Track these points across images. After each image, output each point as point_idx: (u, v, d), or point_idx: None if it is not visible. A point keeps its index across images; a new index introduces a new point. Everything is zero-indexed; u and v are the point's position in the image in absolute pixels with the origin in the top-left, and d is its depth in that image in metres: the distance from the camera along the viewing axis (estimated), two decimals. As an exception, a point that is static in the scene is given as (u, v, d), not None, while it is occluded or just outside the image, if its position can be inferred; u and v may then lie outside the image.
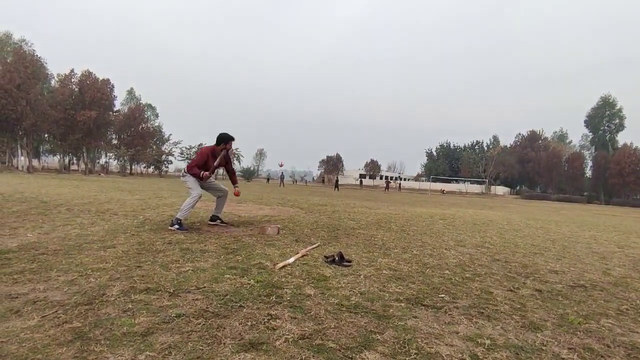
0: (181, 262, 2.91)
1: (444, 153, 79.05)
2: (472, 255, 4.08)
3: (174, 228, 4.41)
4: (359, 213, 8.47)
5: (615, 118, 63.82)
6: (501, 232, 6.50)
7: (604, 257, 4.52)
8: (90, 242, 3.46)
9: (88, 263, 2.72)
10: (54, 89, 39.08)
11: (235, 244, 3.75)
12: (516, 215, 12.27)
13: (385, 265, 3.28)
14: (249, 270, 2.77)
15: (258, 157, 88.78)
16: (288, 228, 5.19)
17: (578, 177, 59.04)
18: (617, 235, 7.37)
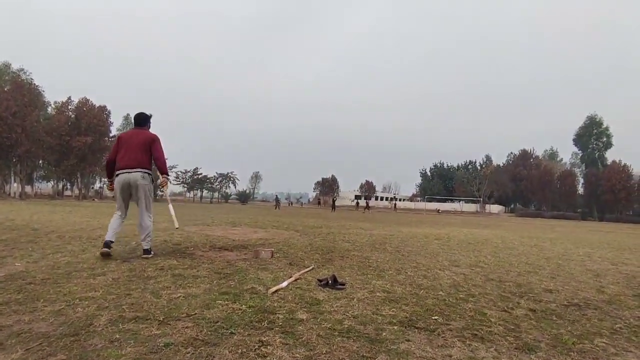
0: (172, 288, 2.87)
1: (438, 173, 79.70)
2: (466, 275, 4.07)
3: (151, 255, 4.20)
4: (353, 234, 8.45)
5: (603, 136, 65.21)
6: (495, 251, 6.50)
7: (598, 275, 4.52)
8: (80, 269, 3.41)
9: (76, 292, 2.67)
10: (50, 116, 39.30)
11: (228, 269, 3.71)
12: (510, 233, 12.29)
13: (379, 287, 3.26)
14: (241, 296, 2.74)
15: (253, 180, 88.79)
16: (282, 251, 5.15)
17: (571, 194, 59.58)
18: (611, 252, 7.39)
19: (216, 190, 66.78)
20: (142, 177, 4.20)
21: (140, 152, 4.24)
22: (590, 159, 65.91)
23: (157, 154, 4.35)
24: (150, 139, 4.36)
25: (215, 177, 64.68)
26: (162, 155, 4.42)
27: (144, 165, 4.23)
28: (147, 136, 4.37)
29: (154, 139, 4.39)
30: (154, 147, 4.33)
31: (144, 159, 4.25)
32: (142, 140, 4.31)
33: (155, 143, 4.38)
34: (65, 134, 37.43)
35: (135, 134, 4.40)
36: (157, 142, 4.40)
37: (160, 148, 4.41)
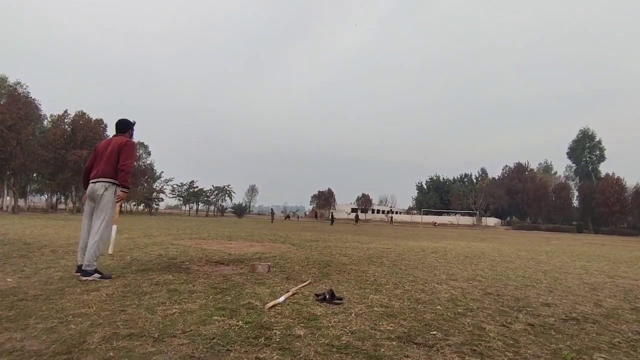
0: (168, 304, 2.83)
1: (434, 186, 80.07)
2: (464, 289, 4.05)
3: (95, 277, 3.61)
4: (350, 248, 8.41)
5: (596, 150, 66.18)
6: (493, 265, 6.49)
7: (595, 288, 4.52)
8: (73, 285, 3.36)
9: (69, 308, 2.63)
10: (46, 129, 39.22)
11: (225, 284, 3.67)
12: (507, 246, 12.29)
13: (377, 302, 3.23)
14: (237, 311, 2.71)
15: (250, 193, 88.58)
16: (279, 265, 5.11)
17: (566, 207, 59.95)
18: (607, 265, 7.40)
19: (212, 203, 66.43)
20: (104, 188, 3.84)
21: (109, 160, 3.89)
22: (584, 172, 66.68)
23: (122, 160, 3.89)
24: (120, 144, 3.95)
25: (211, 190, 64.43)
26: (127, 163, 3.91)
27: (108, 175, 3.87)
28: (119, 142, 3.97)
29: (124, 144, 3.96)
30: (121, 153, 3.91)
31: (110, 168, 3.88)
32: (113, 147, 3.95)
33: (124, 148, 3.94)
34: (61, 147, 37.29)
35: (109, 142, 4.06)
36: (126, 147, 3.96)
37: (128, 154, 3.94)
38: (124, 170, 3.88)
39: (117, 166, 3.89)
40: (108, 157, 3.91)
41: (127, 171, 3.91)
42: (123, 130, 4.21)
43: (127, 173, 3.91)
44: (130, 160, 3.94)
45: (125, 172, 3.89)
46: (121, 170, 3.88)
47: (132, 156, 3.99)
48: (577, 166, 68.71)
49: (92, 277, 3.62)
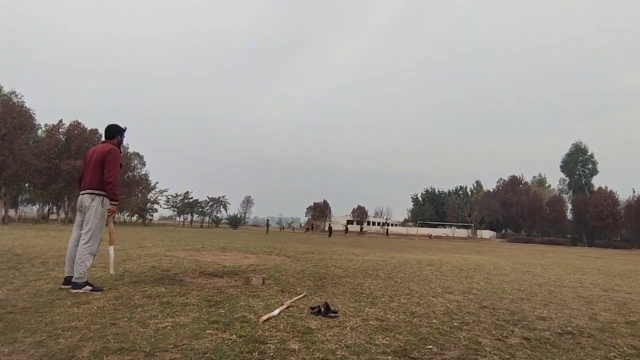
0: (160, 317, 2.79)
1: (429, 198, 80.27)
2: (459, 302, 4.03)
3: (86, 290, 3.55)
4: (346, 260, 8.36)
5: (588, 163, 67.07)
6: (488, 278, 6.48)
7: (590, 302, 4.52)
8: (64, 298, 3.29)
9: (59, 322, 2.57)
10: (40, 139, 39.00)
11: (219, 296, 3.62)
12: (502, 259, 12.29)
13: (372, 315, 3.20)
14: (231, 324, 2.67)
15: (245, 204, 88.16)
16: (274, 278, 5.06)
17: (560, 220, 60.29)
18: (602, 278, 7.42)
19: (207, 214, 66.00)
20: (91, 199, 3.73)
21: (95, 170, 3.77)
22: (577, 185, 67.37)
23: (107, 172, 3.74)
24: (104, 153, 3.79)
25: (206, 201, 64.12)
26: (112, 174, 3.74)
27: (94, 185, 3.75)
28: (102, 151, 3.82)
29: (107, 152, 3.80)
30: (105, 163, 3.75)
31: (96, 178, 3.76)
32: (97, 155, 3.82)
33: (108, 157, 3.77)
34: (55, 157, 37.04)
35: (94, 150, 3.92)
36: (109, 155, 3.79)
37: (112, 163, 3.77)
38: (109, 182, 3.74)
39: (103, 177, 3.76)
40: (93, 167, 3.80)
41: (114, 183, 3.76)
42: (111, 137, 4.06)
43: (114, 185, 3.77)
44: (115, 171, 3.79)
45: (111, 184, 3.75)
46: (107, 183, 3.74)
47: (117, 166, 3.83)
48: (570, 179, 69.43)
49: (83, 289, 3.55)
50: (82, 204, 3.80)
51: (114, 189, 3.78)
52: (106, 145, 3.94)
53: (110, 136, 4.07)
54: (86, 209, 3.76)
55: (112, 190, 3.78)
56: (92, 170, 3.79)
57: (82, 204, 3.80)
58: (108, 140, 4.05)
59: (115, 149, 3.91)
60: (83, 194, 3.82)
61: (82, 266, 3.60)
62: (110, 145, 3.94)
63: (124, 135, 4.18)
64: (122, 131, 4.15)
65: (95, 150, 3.93)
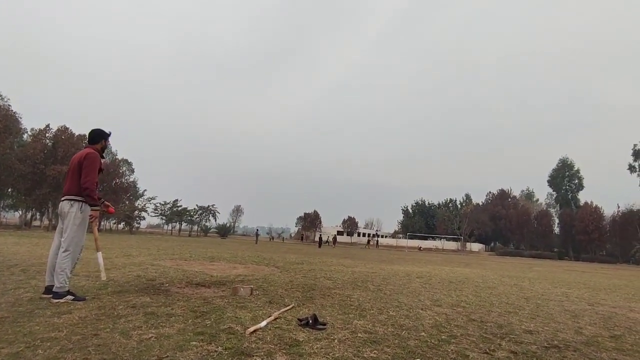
0: (144, 328, 2.72)
1: (419, 210, 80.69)
2: (448, 315, 4.03)
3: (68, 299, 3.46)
4: (335, 272, 8.31)
5: (575, 178, 68.49)
6: (477, 291, 6.50)
7: (576, 316, 4.56)
8: (44, 307, 3.20)
9: (38, 332, 2.49)
10: (25, 143, 38.26)
11: (205, 307, 3.56)
12: (491, 272, 12.37)
13: (361, 327, 3.18)
14: (217, 336, 2.61)
15: (235, 213, 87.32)
16: (262, 288, 5.00)
17: (547, 234, 61.16)
18: (587, 292, 7.51)
19: (196, 223, 65.11)
20: (70, 205, 3.65)
21: (73, 176, 3.70)
22: (564, 199, 68.61)
23: (83, 177, 3.65)
24: (81, 158, 3.73)
25: (195, 209, 63.31)
26: (88, 180, 3.66)
27: (72, 191, 3.68)
28: (80, 156, 3.77)
29: (84, 157, 3.72)
30: (82, 168, 3.68)
31: (74, 183, 3.69)
32: (76, 161, 3.76)
33: (84, 162, 3.69)
34: (40, 162, 36.32)
35: (75, 156, 3.85)
36: (86, 160, 3.70)
37: (88, 169, 3.67)
38: (85, 187, 3.64)
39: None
40: (72, 173, 3.73)
41: (90, 188, 3.66)
42: (94, 141, 3.96)
43: (91, 190, 3.67)
44: (92, 176, 3.68)
45: (88, 189, 3.65)
46: (83, 189, 3.65)
47: (94, 171, 3.71)
48: (557, 194, 70.70)
49: (65, 299, 3.45)
50: (62, 210, 3.72)
51: (91, 194, 3.69)
52: (85, 151, 3.85)
53: (93, 141, 3.98)
54: (65, 216, 3.67)
55: (90, 196, 3.69)
56: (71, 175, 3.73)
57: (62, 211, 3.72)
58: (91, 145, 3.96)
59: (92, 154, 3.80)
60: (62, 201, 3.75)
61: (63, 275, 3.50)
62: (88, 150, 3.84)
63: (108, 139, 4.07)
64: (106, 136, 4.05)
65: (76, 155, 3.87)
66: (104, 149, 4.06)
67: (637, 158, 53.27)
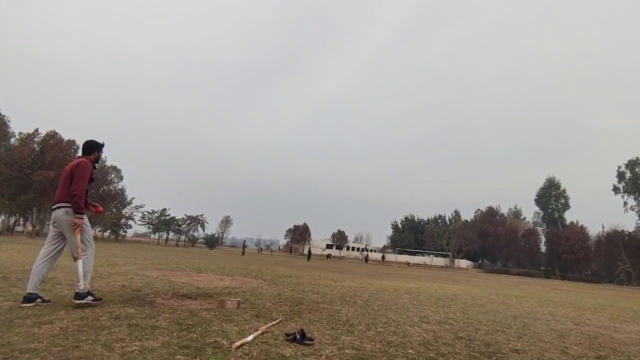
0: (127, 340, 2.65)
1: (409, 226, 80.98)
2: (435, 332, 4.02)
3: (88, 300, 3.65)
4: (324, 286, 8.24)
5: (561, 198, 69.79)
6: (464, 308, 6.51)
7: (562, 335, 4.59)
8: (24, 317, 3.10)
9: (17, 343, 2.41)
10: (12, 147, 37.58)
11: (191, 319, 3.49)
12: (479, 289, 12.40)
13: (348, 343, 3.15)
14: (202, 350, 2.57)
15: (223, 224, 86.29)
16: (249, 301, 4.93)
17: (534, 252, 61.81)
18: (573, 312, 7.58)
19: (183, 232, 64.13)
20: (65, 213, 3.71)
21: (65, 184, 3.76)
22: (550, 218, 69.69)
23: (73, 184, 3.70)
24: (74, 166, 3.80)
25: (183, 219, 62.44)
26: (78, 187, 3.69)
27: (65, 199, 3.73)
28: (72, 164, 3.85)
29: (76, 165, 3.80)
30: (73, 176, 3.74)
31: (67, 191, 3.73)
32: (68, 169, 3.83)
33: (76, 170, 3.76)
34: (27, 167, 35.64)
35: (68, 165, 3.93)
36: (77, 168, 3.76)
37: (79, 177, 3.72)
38: (74, 194, 3.68)
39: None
40: (64, 181, 3.79)
41: (79, 196, 3.69)
42: (88, 153, 4.02)
43: (79, 198, 3.70)
44: (81, 184, 3.72)
45: (76, 197, 3.68)
46: (72, 196, 3.69)
47: (84, 179, 3.76)
48: (544, 213, 71.80)
49: (86, 299, 3.61)
50: (57, 218, 3.74)
51: (78, 202, 3.70)
52: (78, 159, 3.92)
53: (86, 152, 4.03)
54: (62, 224, 3.71)
55: (77, 203, 3.70)
56: (63, 183, 3.78)
57: (57, 219, 3.74)
58: (85, 156, 4.00)
59: (84, 162, 3.85)
60: (56, 209, 3.77)
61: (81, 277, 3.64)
62: (80, 159, 3.90)
63: (101, 150, 4.13)
64: (100, 147, 4.11)
65: (69, 164, 3.94)
66: (97, 160, 4.12)
67: (621, 180, 54.64)
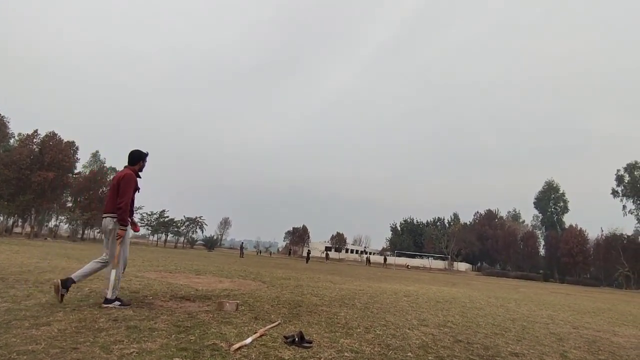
0: (125, 342, 2.65)
1: (407, 228, 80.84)
2: (434, 335, 4.02)
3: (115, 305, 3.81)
4: (323, 288, 8.23)
5: (560, 201, 69.78)
6: (464, 311, 6.50)
7: (561, 339, 4.59)
8: (22, 318, 3.09)
9: (14, 344, 2.40)
10: (11, 148, 37.53)
11: (189, 321, 3.48)
12: (478, 292, 12.39)
13: (347, 346, 3.15)
14: (201, 353, 2.56)
15: (222, 226, 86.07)
16: (248, 304, 4.92)
17: (533, 255, 61.68)
18: (572, 315, 7.57)
19: (182, 234, 63.96)
20: (110, 223, 3.95)
21: (112, 195, 4.00)
22: (549, 221, 69.65)
23: (119, 197, 3.92)
24: (119, 178, 4.05)
25: (182, 220, 62.30)
26: (123, 200, 3.90)
27: (112, 209, 3.98)
28: (118, 176, 4.10)
29: (121, 178, 4.03)
30: (119, 188, 3.97)
31: (113, 202, 3.97)
32: (115, 180, 4.09)
33: (121, 183, 3.98)
34: (26, 168, 35.59)
35: (115, 176, 4.22)
36: (122, 181, 3.99)
37: (124, 190, 3.94)
38: (119, 207, 3.90)
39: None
40: (112, 192, 4.04)
41: (123, 209, 3.91)
42: (132, 163, 4.21)
43: (123, 210, 3.91)
44: (126, 197, 3.93)
45: (121, 209, 3.90)
46: (117, 208, 3.91)
47: (128, 191, 3.97)
48: (543, 216, 71.76)
49: (113, 304, 3.80)
50: (105, 227, 4.01)
51: (122, 215, 3.93)
52: (123, 171, 4.15)
53: (131, 162, 4.22)
54: (108, 233, 3.97)
55: (121, 215, 3.93)
56: (111, 195, 4.05)
57: (105, 228, 4.01)
58: (130, 167, 4.19)
59: (128, 175, 4.06)
60: (104, 218, 4.04)
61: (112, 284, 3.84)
62: (126, 171, 4.11)
63: (146, 160, 4.31)
64: (144, 156, 4.29)
65: (116, 175, 4.18)
66: (141, 169, 4.30)
67: (620, 183, 54.67)
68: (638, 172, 53.24)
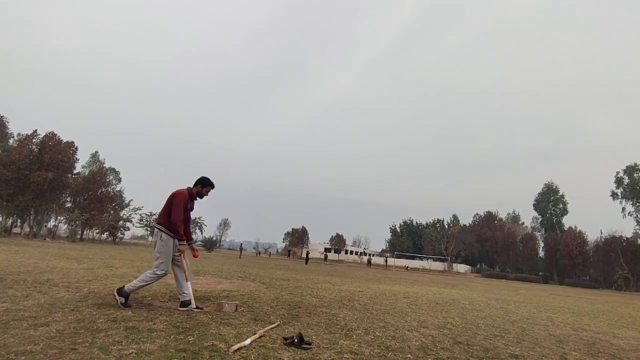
0: (124, 343, 2.64)
1: (407, 230, 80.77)
2: (434, 337, 4.01)
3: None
4: (322, 289, 8.22)
5: (559, 203, 69.78)
6: (463, 313, 6.49)
7: (561, 341, 4.58)
8: (20, 319, 3.08)
9: (12, 345, 2.39)
10: (11, 148, 37.47)
11: (188, 322, 3.47)
12: (477, 294, 12.38)
13: (347, 348, 3.14)
14: (200, 354, 2.55)
15: (222, 226, 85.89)
16: (247, 305, 4.91)
17: (532, 257, 61.66)
18: (571, 317, 7.56)
19: (181, 235, 63.72)
20: (156, 234, 4.23)
21: (164, 209, 4.28)
22: (549, 223, 69.62)
23: (172, 214, 4.17)
24: (172, 195, 4.29)
25: (181, 221, 62.08)
26: (173, 218, 4.14)
27: (160, 222, 4.25)
28: (173, 193, 4.33)
29: (173, 196, 4.28)
30: (172, 205, 4.22)
31: (163, 216, 4.26)
32: (170, 196, 4.32)
33: (173, 201, 4.24)
34: (25, 168, 35.51)
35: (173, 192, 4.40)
36: (174, 198, 4.25)
37: (174, 207, 4.17)
38: (173, 223, 4.15)
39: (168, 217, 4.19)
40: (165, 206, 4.29)
41: (177, 225, 4.15)
42: (194, 184, 4.47)
43: (175, 227, 4.15)
44: (176, 215, 4.14)
45: (174, 226, 4.15)
46: (172, 225, 4.16)
47: (178, 209, 4.17)
48: (542, 218, 71.75)
49: (188, 307, 4.08)
50: (154, 236, 4.35)
51: (177, 230, 4.17)
52: (180, 189, 4.37)
53: (195, 183, 4.48)
54: (154, 242, 4.30)
55: (174, 232, 4.18)
56: (164, 208, 4.29)
57: (154, 236, 4.34)
58: (191, 187, 4.45)
59: (179, 194, 4.27)
60: (154, 228, 4.44)
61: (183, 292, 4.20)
62: (182, 190, 4.35)
63: (207, 189, 4.48)
64: (206, 184, 4.46)
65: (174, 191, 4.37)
66: (199, 194, 4.48)
67: (619, 185, 54.71)
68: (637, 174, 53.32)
